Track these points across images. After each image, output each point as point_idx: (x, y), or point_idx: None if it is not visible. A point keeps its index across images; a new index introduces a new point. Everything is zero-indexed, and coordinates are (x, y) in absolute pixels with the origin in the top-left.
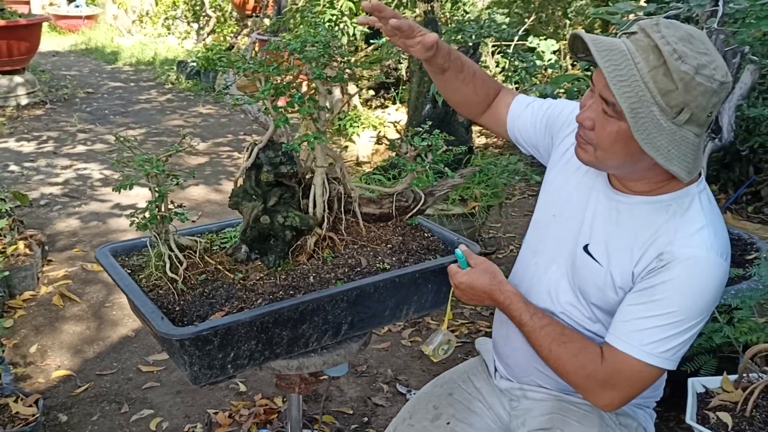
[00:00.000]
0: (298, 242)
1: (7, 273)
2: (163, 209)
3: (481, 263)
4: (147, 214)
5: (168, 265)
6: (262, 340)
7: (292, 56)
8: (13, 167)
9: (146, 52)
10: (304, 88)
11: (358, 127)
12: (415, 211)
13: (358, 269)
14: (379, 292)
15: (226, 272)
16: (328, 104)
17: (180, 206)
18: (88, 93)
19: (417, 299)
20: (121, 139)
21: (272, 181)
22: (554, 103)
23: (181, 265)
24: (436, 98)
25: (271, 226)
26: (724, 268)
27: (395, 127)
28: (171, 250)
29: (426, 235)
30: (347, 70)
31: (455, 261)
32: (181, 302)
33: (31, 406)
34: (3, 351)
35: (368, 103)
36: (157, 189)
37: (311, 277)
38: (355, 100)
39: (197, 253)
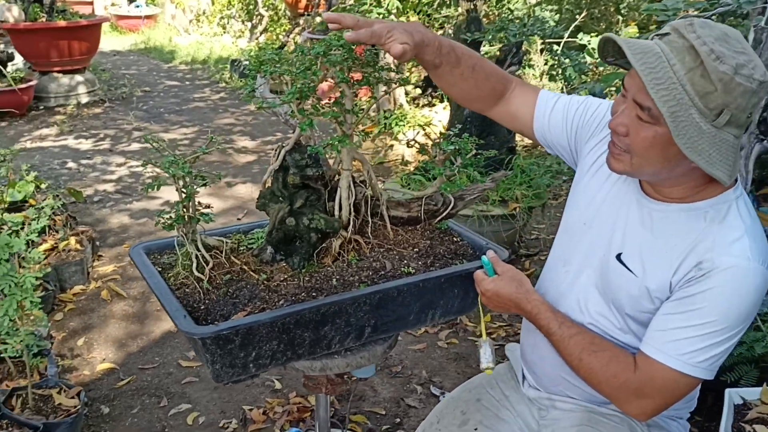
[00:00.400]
0: (323, 245)
1: (49, 270)
2: (190, 210)
3: (508, 271)
4: (173, 215)
5: (195, 265)
6: (284, 340)
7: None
8: (70, 164)
9: (202, 50)
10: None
11: (403, 125)
12: (444, 215)
13: (383, 273)
14: (402, 296)
15: (251, 273)
16: (354, 106)
17: (208, 207)
18: (145, 91)
19: (443, 304)
20: (151, 140)
21: (298, 184)
22: (586, 103)
23: (207, 264)
24: None
25: (296, 227)
26: (765, 276)
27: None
28: (198, 249)
29: (455, 239)
30: (374, 74)
31: (481, 267)
32: (206, 301)
33: (73, 398)
34: (51, 344)
35: (415, 102)
36: (183, 190)
37: (334, 280)
38: (402, 99)
39: (223, 254)
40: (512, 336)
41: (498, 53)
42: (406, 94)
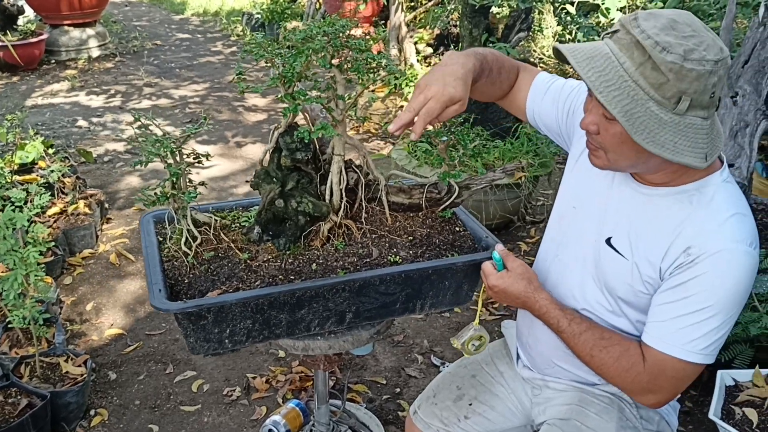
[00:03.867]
0: (312, 228)
1: (52, 243)
2: (181, 186)
3: (518, 267)
4: (158, 191)
5: (183, 240)
6: (258, 320)
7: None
8: (81, 122)
9: (213, 2)
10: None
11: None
12: (447, 203)
13: (368, 260)
14: (386, 284)
15: (237, 251)
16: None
17: (202, 184)
18: (156, 45)
19: (432, 295)
20: (137, 116)
21: (290, 166)
22: (579, 88)
23: (195, 240)
24: None
25: (285, 209)
26: (753, 258)
27: None
28: (188, 225)
29: (457, 229)
30: (362, 61)
31: (489, 259)
32: (190, 276)
33: (80, 366)
34: (61, 308)
35: (426, 61)
36: (172, 169)
37: (315, 264)
38: (412, 58)
39: (212, 230)
40: (514, 309)
41: (504, 23)
42: (417, 52)
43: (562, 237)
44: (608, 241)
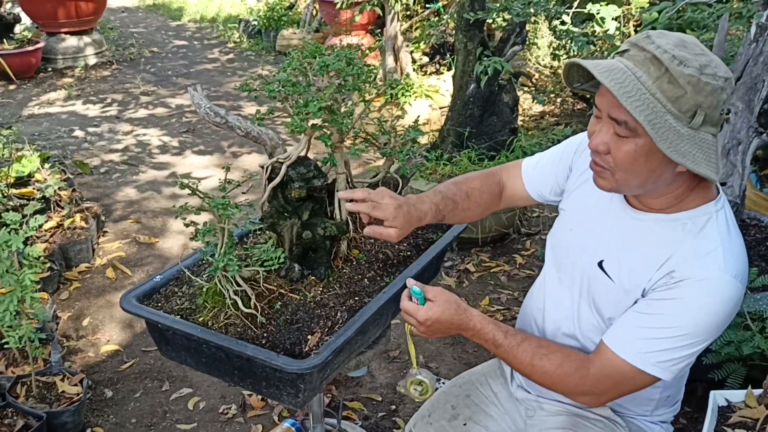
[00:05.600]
0: (334, 249)
1: (47, 264)
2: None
3: (440, 293)
4: (216, 259)
5: (240, 301)
6: (363, 342)
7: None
8: (78, 132)
9: (210, 8)
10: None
11: (410, 96)
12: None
13: (389, 262)
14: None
15: (290, 294)
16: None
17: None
18: (153, 52)
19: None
20: (182, 183)
21: (303, 196)
22: (564, 145)
23: (250, 299)
24: (480, 78)
25: (312, 239)
26: (737, 290)
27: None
28: (238, 285)
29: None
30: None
31: (410, 296)
32: (266, 335)
33: (76, 385)
34: (57, 324)
35: (423, 69)
36: (227, 241)
37: (365, 279)
38: (408, 68)
39: (259, 283)
40: (509, 321)
41: (501, 32)
42: (414, 62)
43: (560, 261)
44: (600, 264)
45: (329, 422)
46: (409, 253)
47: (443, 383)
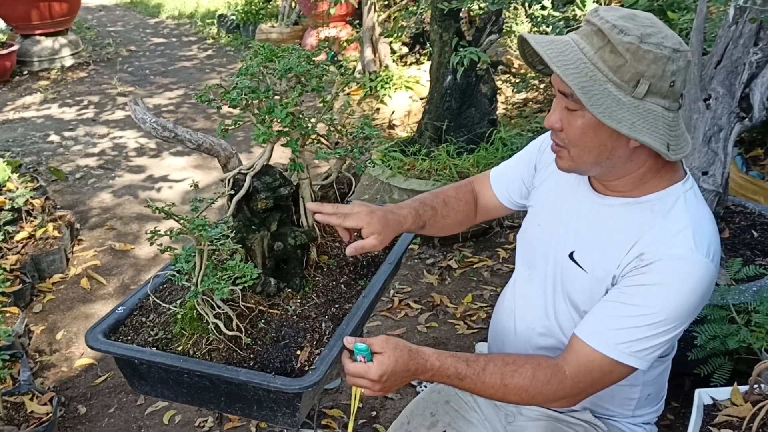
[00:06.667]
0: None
1: (18, 287)
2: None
3: (384, 342)
4: (194, 287)
5: (222, 324)
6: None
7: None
8: (53, 137)
9: (188, 3)
10: None
11: (389, 88)
12: (351, 193)
13: (360, 264)
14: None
15: (270, 310)
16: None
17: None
18: (131, 51)
19: None
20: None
21: (270, 206)
22: (527, 147)
23: (232, 320)
24: (457, 69)
25: (284, 250)
26: (709, 269)
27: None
28: (219, 307)
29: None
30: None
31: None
32: (252, 356)
33: (46, 404)
34: (30, 342)
35: (402, 60)
36: (208, 263)
37: (342, 285)
38: (387, 60)
39: (239, 303)
40: None
41: (477, 21)
42: (393, 52)
43: (531, 257)
44: (571, 255)
45: None
46: (376, 252)
47: (424, 387)
